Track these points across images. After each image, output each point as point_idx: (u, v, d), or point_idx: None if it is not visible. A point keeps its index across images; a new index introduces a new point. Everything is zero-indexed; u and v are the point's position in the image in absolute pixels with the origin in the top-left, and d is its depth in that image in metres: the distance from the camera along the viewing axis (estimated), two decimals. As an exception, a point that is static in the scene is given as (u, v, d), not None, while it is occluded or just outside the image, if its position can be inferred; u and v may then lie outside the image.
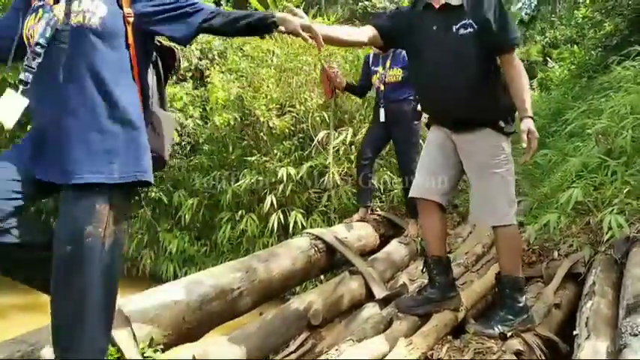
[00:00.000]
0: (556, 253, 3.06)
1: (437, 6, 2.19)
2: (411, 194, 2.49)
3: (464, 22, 2.12)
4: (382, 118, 3.67)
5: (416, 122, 3.66)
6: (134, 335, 1.91)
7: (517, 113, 2.23)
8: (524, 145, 2.09)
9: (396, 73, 3.64)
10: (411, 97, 3.60)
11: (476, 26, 2.11)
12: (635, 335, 1.65)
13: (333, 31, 2.21)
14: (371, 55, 3.84)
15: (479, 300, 2.65)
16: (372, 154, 3.77)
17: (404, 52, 3.38)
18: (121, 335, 1.86)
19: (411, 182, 3.10)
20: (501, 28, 2.09)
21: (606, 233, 2.68)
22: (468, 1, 2.13)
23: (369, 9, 10.53)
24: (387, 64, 3.67)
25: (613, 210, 2.78)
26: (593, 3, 7.99)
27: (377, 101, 3.78)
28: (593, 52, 8.07)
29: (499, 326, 2.18)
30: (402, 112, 3.62)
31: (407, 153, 3.62)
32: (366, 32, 2.28)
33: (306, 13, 6.24)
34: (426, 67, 2.28)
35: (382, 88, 3.69)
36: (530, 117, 2.10)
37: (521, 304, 2.24)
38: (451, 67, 2.18)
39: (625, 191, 2.94)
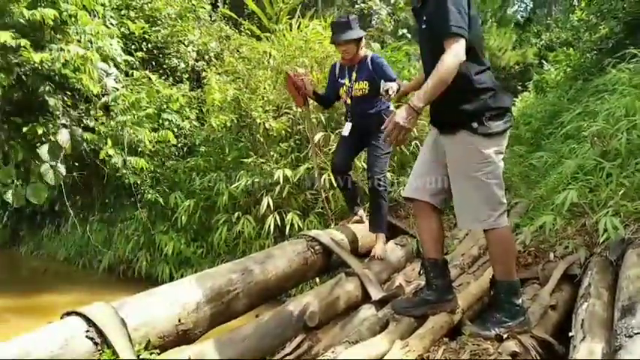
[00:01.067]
0: (552, 255, 3.06)
1: (417, 6, 2.29)
2: (404, 194, 2.50)
3: (424, 18, 2.21)
4: (345, 132, 3.50)
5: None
6: (130, 337, 1.90)
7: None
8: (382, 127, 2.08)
9: (362, 87, 3.39)
10: (382, 110, 3.39)
11: (428, 20, 2.18)
12: (630, 337, 1.66)
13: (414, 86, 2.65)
14: (337, 66, 3.60)
15: (475, 302, 2.65)
16: (346, 167, 3.58)
17: (370, 64, 3.34)
18: (116, 337, 1.86)
19: (378, 194, 3.38)
20: (441, 17, 2.04)
21: (602, 235, 2.68)
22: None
23: (365, 11, 10.54)
24: (353, 76, 3.43)
25: (608, 212, 2.79)
26: (589, 6, 8.03)
27: (345, 115, 3.60)
28: (588, 54, 8.10)
29: (495, 328, 2.18)
30: (371, 127, 3.35)
31: (377, 165, 3.41)
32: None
33: (303, 15, 6.28)
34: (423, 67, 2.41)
35: (349, 102, 3.49)
36: (411, 106, 1.99)
37: (517, 307, 2.24)
38: (427, 63, 2.28)
39: (620, 193, 2.95)
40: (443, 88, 2.00)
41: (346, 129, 3.51)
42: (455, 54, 1.99)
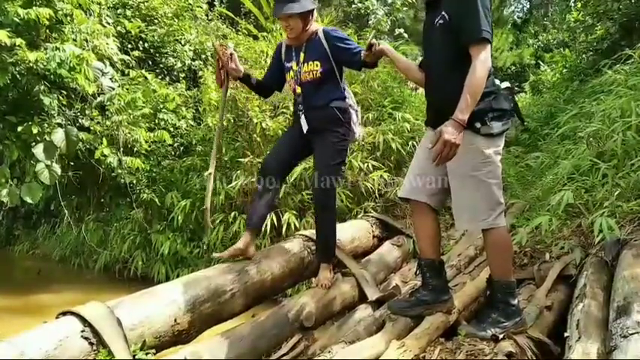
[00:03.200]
0: (547, 256, 3.07)
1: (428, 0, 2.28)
2: (400, 195, 2.48)
3: (440, 14, 2.16)
4: (305, 129, 2.75)
5: (343, 140, 2.76)
6: (125, 337, 1.90)
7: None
8: (429, 145, 2.02)
9: (312, 68, 2.69)
10: (337, 100, 2.75)
11: (447, 18, 2.13)
12: (625, 337, 1.66)
13: (407, 64, 2.57)
14: (282, 46, 2.90)
15: (471, 302, 2.65)
16: (277, 170, 2.78)
17: (324, 40, 2.70)
18: (112, 337, 1.85)
19: (326, 213, 2.75)
20: (467, 18, 2.04)
21: (597, 235, 2.70)
22: None
23: (362, 11, 10.55)
24: (302, 57, 2.73)
25: (604, 212, 2.80)
26: (585, 7, 8.05)
27: (295, 108, 2.86)
28: (584, 55, 8.14)
29: (491, 329, 2.18)
30: (324, 123, 2.73)
31: (326, 175, 2.68)
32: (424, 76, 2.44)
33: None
34: (423, 64, 2.39)
35: (298, 90, 2.77)
36: (455, 120, 1.96)
37: (513, 307, 2.25)
38: (433, 61, 2.28)
39: (615, 194, 2.96)
40: (478, 98, 2.01)
41: (304, 124, 2.77)
42: (484, 61, 2.01)
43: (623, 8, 6.76)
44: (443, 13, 2.13)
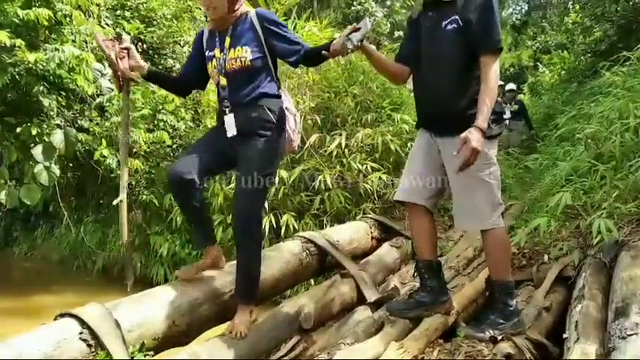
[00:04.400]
0: (546, 257, 3.08)
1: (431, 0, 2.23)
2: (397, 198, 2.46)
3: (453, 17, 2.14)
4: (231, 132, 2.29)
5: (275, 146, 2.32)
6: (124, 339, 1.90)
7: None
8: (455, 152, 2.02)
9: (240, 55, 2.24)
10: (269, 97, 2.30)
11: (461, 23, 2.12)
12: (624, 338, 1.66)
13: (382, 57, 2.48)
14: (204, 34, 2.41)
15: (470, 304, 2.65)
16: (190, 176, 2.23)
17: (256, 22, 2.29)
18: (110, 339, 1.85)
19: (248, 244, 2.29)
20: (484, 27, 2.09)
21: (595, 237, 2.70)
22: None
23: (361, 13, 10.57)
24: (227, 42, 2.28)
25: (602, 214, 2.81)
26: (583, 9, 8.09)
27: (219, 106, 2.38)
28: (582, 57, 8.16)
29: (490, 330, 2.18)
30: (256, 124, 2.26)
31: (249, 195, 2.24)
32: (403, 71, 2.42)
33: (299, 16, 6.29)
34: (420, 67, 2.31)
35: (223, 81, 2.29)
36: (479, 128, 2.00)
37: (511, 308, 2.25)
38: (437, 63, 2.20)
39: (614, 195, 2.96)
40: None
41: (230, 126, 2.29)
42: (497, 70, 2.09)
43: (621, 10, 6.79)
44: (457, 17, 2.13)
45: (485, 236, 2.29)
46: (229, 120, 2.30)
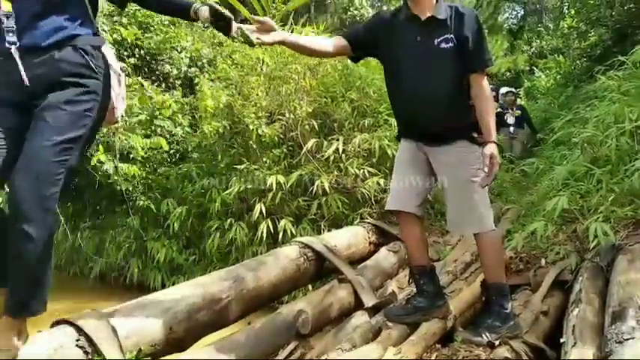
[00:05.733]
0: (543, 261, 3.08)
1: (423, 18, 2.25)
2: (389, 207, 2.49)
3: (446, 36, 2.21)
4: (26, 78, 1.61)
5: (89, 101, 1.72)
6: (121, 346, 1.89)
7: None
8: (486, 169, 2.12)
9: None
10: (94, 37, 1.77)
11: (456, 42, 2.20)
12: (621, 342, 1.67)
13: (300, 39, 2.32)
14: None
15: (467, 308, 2.65)
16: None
17: None
18: (107, 346, 1.84)
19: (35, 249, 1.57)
20: (478, 48, 2.21)
21: (592, 241, 2.70)
22: (452, 18, 2.22)
23: (357, 18, 10.61)
24: None
25: (599, 218, 2.81)
26: (578, 14, 8.14)
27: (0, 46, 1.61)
28: (578, 61, 8.21)
29: (487, 334, 2.19)
30: (65, 71, 1.67)
31: (45, 158, 1.60)
32: (333, 43, 2.37)
33: (296, 21, 6.29)
34: (403, 77, 2.33)
35: (6, 5, 1.60)
36: (494, 142, 2.16)
37: (507, 311, 2.27)
38: (429, 78, 2.25)
39: (610, 199, 2.97)
40: None
41: (23, 72, 1.60)
42: (488, 86, 2.25)
43: (616, 15, 6.83)
44: (451, 36, 2.20)
45: (481, 240, 2.32)
46: (20, 65, 1.59)
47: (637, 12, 6.61)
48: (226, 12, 1.98)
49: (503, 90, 7.79)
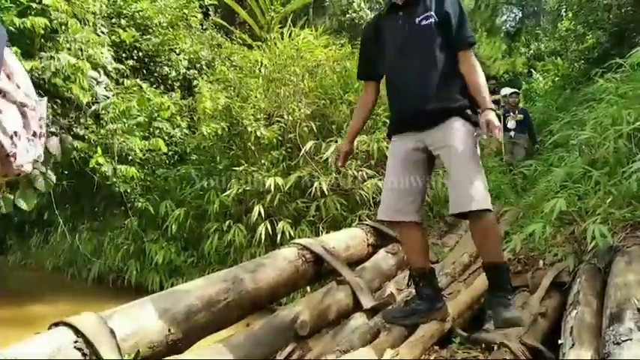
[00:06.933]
0: (541, 263, 3.08)
1: (401, 2, 2.31)
2: (384, 218, 2.43)
3: (426, 14, 2.25)
4: None
5: None
6: (119, 348, 1.89)
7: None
8: (485, 136, 2.16)
9: None
10: None
11: (437, 18, 2.23)
12: (618, 344, 1.67)
13: (355, 128, 2.67)
14: None
15: (466, 310, 2.65)
16: None
17: None
18: (105, 348, 1.84)
19: None
20: (460, 26, 2.23)
21: (590, 243, 2.71)
22: None
23: (356, 20, 10.63)
24: None
25: (596, 220, 2.82)
26: (576, 16, 8.17)
27: None
28: (576, 64, 8.23)
29: (516, 310, 2.20)
30: None
31: None
32: (367, 95, 2.59)
33: (294, 24, 6.31)
34: (392, 63, 2.35)
35: None
36: (491, 109, 2.15)
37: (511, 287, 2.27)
38: (415, 57, 2.26)
39: (608, 201, 2.98)
40: None
41: None
42: (476, 61, 2.26)
43: (614, 18, 6.86)
44: (431, 13, 2.24)
45: (484, 219, 2.20)
46: None
47: (634, 15, 6.64)
48: None
49: (507, 91, 7.40)
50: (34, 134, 1.38)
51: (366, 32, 2.55)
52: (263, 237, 4.36)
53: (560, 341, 2.09)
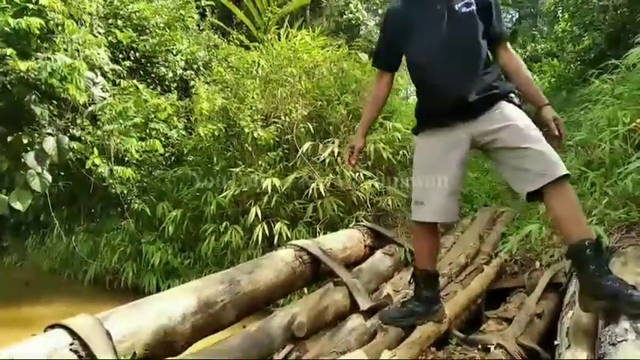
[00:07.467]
0: (538, 263, 3.10)
1: None
2: (429, 219, 2.28)
3: (465, 1, 2.14)
4: None
5: None
6: (115, 349, 1.88)
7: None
8: (556, 132, 2.05)
9: None
10: None
11: (477, 5, 2.13)
12: (614, 345, 1.67)
13: (368, 122, 2.55)
14: None
15: (462, 311, 2.66)
16: None
17: None
18: (101, 350, 1.83)
19: None
20: (498, 17, 2.18)
21: (586, 243, 2.71)
22: None
23: (353, 22, 10.64)
24: None
25: (592, 220, 2.83)
26: (573, 17, 8.20)
27: None
28: (572, 65, 8.26)
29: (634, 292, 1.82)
30: None
31: None
32: (386, 87, 2.45)
33: (291, 25, 6.32)
34: (429, 52, 2.17)
35: None
36: (549, 104, 2.12)
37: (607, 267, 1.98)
38: (460, 46, 2.13)
39: (604, 202, 2.99)
40: None
41: None
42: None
43: (609, 19, 6.89)
44: (472, 0, 2.13)
45: (569, 187, 2.02)
46: None
47: (630, 16, 6.67)
48: None
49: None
50: None
51: (392, 17, 2.34)
52: (260, 238, 4.35)
53: (556, 342, 2.10)
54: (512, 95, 2.17)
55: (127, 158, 5.26)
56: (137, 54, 6.39)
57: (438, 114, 2.22)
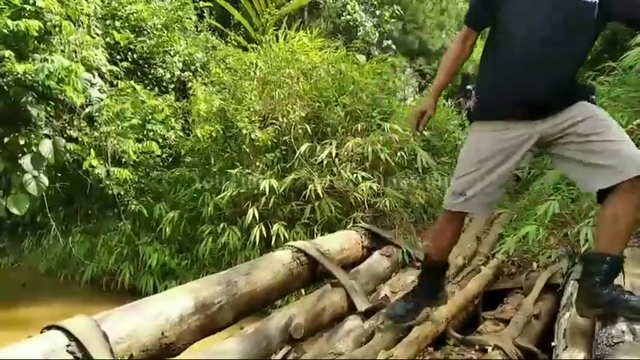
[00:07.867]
0: (535, 265, 3.10)
1: None
2: (466, 210, 2.15)
3: None
4: None
5: None
6: (112, 351, 1.88)
7: None
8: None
9: None
10: None
11: None
12: (611, 346, 1.68)
13: (442, 84, 2.27)
14: None
15: (460, 312, 2.66)
16: None
17: None
18: (98, 351, 1.83)
19: None
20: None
21: (583, 245, 2.73)
22: None
23: (351, 23, 10.65)
24: None
25: (589, 222, 2.84)
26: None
27: None
28: (569, 67, 8.24)
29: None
30: None
31: None
32: (468, 49, 2.18)
33: (289, 26, 6.30)
34: (531, 38, 1.92)
35: None
36: None
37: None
38: (569, 38, 1.89)
39: (600, 203, 2.99)
40: None
41: None
42: None
43: (606, 21, 6.88)
44: None
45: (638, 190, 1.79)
46: None
47: (626, 18, 6.67)
48: None
49: None
50: None
51: None
52: (257, 239, 4.35)
53: (553, 343, 2.10)
54: (594, 97, 1.99)
55: (124, 159, 5.25)
56: (135, 55, 6.38)
57: (515, 103, 1.99)
